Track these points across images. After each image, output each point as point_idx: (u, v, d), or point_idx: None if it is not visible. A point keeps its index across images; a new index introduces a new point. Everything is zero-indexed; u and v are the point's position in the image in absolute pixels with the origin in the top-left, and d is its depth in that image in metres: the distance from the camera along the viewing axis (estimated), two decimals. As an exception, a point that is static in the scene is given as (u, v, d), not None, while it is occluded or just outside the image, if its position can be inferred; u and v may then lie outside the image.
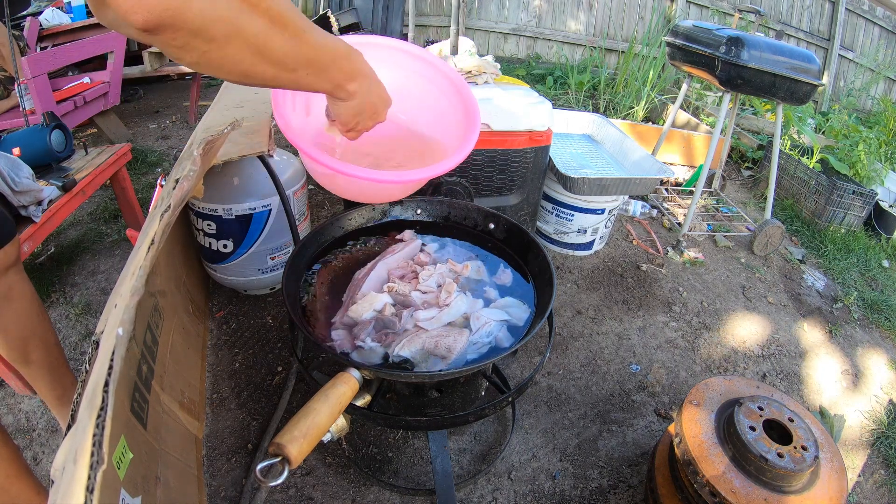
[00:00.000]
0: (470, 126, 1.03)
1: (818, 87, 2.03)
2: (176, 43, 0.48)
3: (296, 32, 0.60)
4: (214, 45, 0.51)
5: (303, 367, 0.94)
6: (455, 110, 1.10)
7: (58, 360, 1.22)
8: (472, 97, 1.08)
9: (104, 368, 0.56)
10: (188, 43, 0.49)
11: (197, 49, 0.50)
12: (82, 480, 0.47)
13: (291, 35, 0.59)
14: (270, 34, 0.56)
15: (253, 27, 0.53)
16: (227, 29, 0.50)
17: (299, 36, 0.60)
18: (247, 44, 0.54)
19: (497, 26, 4.64)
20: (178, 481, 1.00)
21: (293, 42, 0.60)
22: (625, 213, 2.45)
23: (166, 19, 0.45)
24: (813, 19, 4.73)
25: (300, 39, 0.61)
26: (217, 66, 0.54)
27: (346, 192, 1.09)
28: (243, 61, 0.55)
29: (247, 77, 0.58)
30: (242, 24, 0.52)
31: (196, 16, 0.47)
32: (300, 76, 0.64)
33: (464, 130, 1.04)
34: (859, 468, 1.46)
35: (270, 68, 0.59)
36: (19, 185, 1.40)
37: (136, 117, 3.40)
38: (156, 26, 0.45)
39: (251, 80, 0.60)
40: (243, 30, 0.52)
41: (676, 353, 1.72)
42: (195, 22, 0.47)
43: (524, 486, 1.25)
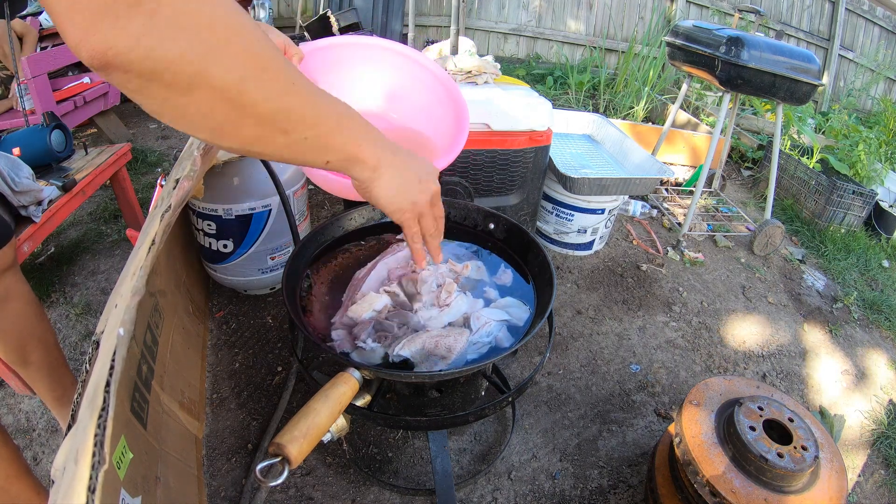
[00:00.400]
0: (459, 126, 1.03)
1: (818, 87, 2.03)
2: (131, 86, 0.40)
3: (286, 84, 0.49)
4: (174, 92, 0.41)
5: (303, 367, 0.94)
6: (445, 110, 1.10)
7: (57, 361, 1.22)
8: (461, 97, 1.08)
9: (105, 368, 0.56)
10: (144, 88, 0.40)
11: (155, 96, 0.42)
12: (84, 480, 0.47)
13: (280, 87, 0.48)
14: (248, 81, 0.45)
15: (221, 71, 0.43)
16: (189, 72, 0.41)
17: (290, 89, 0.49)
18: (216, 92, 0.43)
19: (497, 26, 4.64)
20: (178, 481, 1.00)
21: (282, 96, 0.48)
22: (625, 213, 2.45)
23: (112, 59, 0.37)
24: (813, 19, 4.73)
25: (292, 93, 0.49)
26: (182, 117, 0.44)
27: (341, 190, 1.09)
28: (213, 114, 0.45)
29: (222, 136, 0.47)
30: (206, 66, 0.42)
31: (145, 56, 0.38)
32: (294, 141, 0.52)
33: (454, 130, 1.04)
34: (859, 468, 1.46)
35: (252, 127, 0.48)
36: (19, 185, 1.40)
37: (136, 117, 3.40)
38: (103, 65, 0.37)
39: (229, 139, 0.48)
40: (208, 73, 0.42)
41: (676, 353, 1.72)
42: (145, 64, 0.38)
43: (524, 486, 1.25)
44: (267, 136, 0.50)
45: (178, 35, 0.39)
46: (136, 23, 0.37)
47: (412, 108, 1.15)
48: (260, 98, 0.46)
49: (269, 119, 0.48)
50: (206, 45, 0.41)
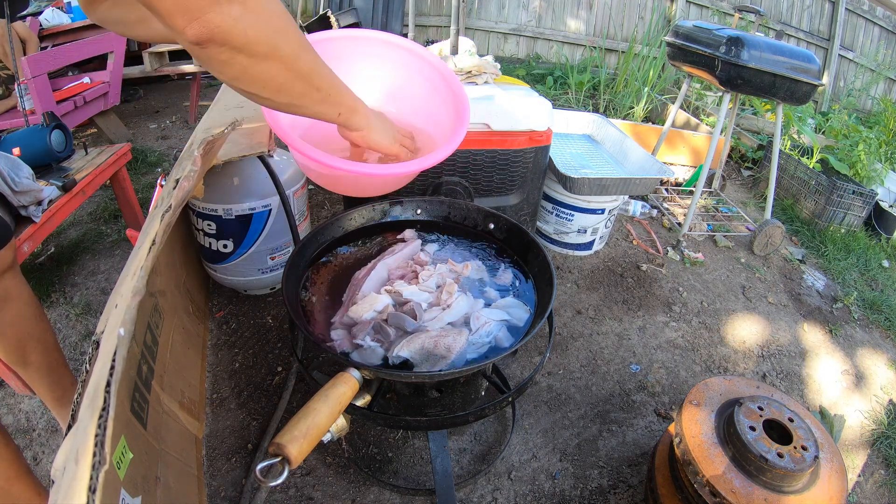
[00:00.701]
0: (459, 119, 1.03)
1: (818, 87, 2.03)
2: (221, 57, 0.54)
3: (314, 55, 0.66)
4: (254, 61, 0.56)
5: (303, 367, 0.94)
6: (445, 103, 1.10)
7: (57, 362, 1.22)
8: (461, 89, 1.08)
9: (106, 368, 0.56)
10: (232, 58, 0.54)
11: (239, 64, 0.55)
12: (84, 480, 0.47)
13: (312, 56, 0.66)
14: (300, 53, 0.62)
15: (287, 47, 0.59)
16: (267, 46, 0.56)
17: (317, 58, 0.67)
18: (281, 61, 0.59)
19: (497, 26, 4.64)
20: (178, 481, 1.00)
21: (313, 62, 0.66)
22: (625, 213, 2.45)
23: (216, 35, 0.50)
24: (813, 19, 4.73)
25: (319, 60, 0.67)
26: (254, 80, 0.59)
27: (338, 186, 1.09)
28: (278, 76, 0.60)
29: (281, 92, 0.63)
30: (279, 43, 0.57)
31: (241, 34, 0.52)
32: (323, 94, 0.70)
33: (453, 123, 1.04)
34: (859, 468, 1.46)
35: (300, 83, 0.65)
36: (19, 185, 1.40)
37: (136, 117, 3.40)
38: (207, 40, 0.50)
39: (286, 95, 0.64)
40: (279, 48, 0.58)
41: (676, 353, 1.72)
42: (240, 39, 0.53)
43: (524, 486, 1.25)
44: (309, 91, 0.67)
45: (261, 20, 0.54)
46: (235, 9, 0.51)
47: (411, 101, 1.15)
48: (306, 65, 0.64)
49: (309, 79, 0.66)
50: (277, 28, 0.57)
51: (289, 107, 0.68)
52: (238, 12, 0.51)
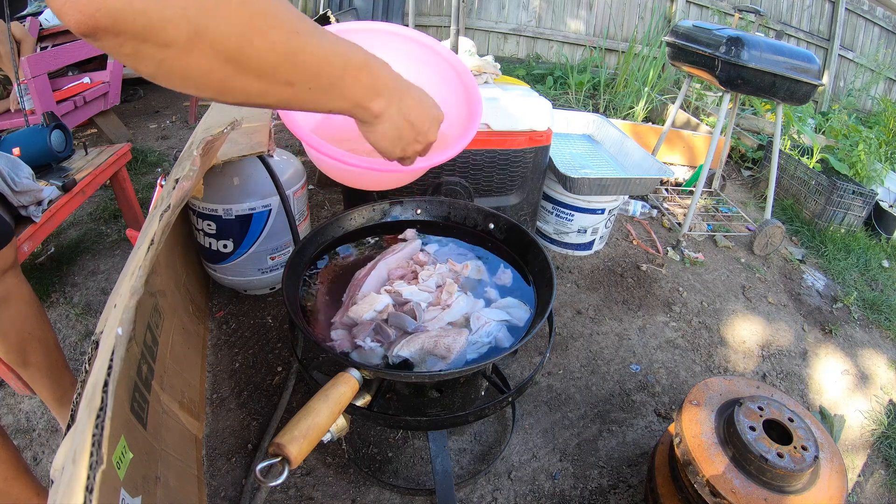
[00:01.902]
0: (472, 114, 1.01)
1: (818, 87, 2.03)
2: (125, 51, 0.38)
3: (288, 34, 0.47)
4: (172, 52, 0.40)
5: (303, 367, 0.94)
6: (457, 98, 1.08)
7: (57, 362, 1.22)
8: (473, 82, 1.06)
9: (103, 368, 0.56)
10: (138, 50, 0.39)
11: (151, 58, 0.40)
12: (82, 480, 0.46)
13: (281, 37, 0.46)
14: (248, 36, 0.43)
15: (222, 26, 0.41)
16: (186, 30, 0.39)
17: (293, 38, 0.47)
18: (215, 49, 0.41)
19: (497, 26, 4.64)
20: (178, 481, 1.00)
21: (284, 46, 0.47)
22: (625, 213, 2.45)
23: (101, 21, 0.35)
24: (813, 19, 4.73)
25: (294, 43, 0.48)
26: (182, 78, 0.42)
27: (351, 180, 1.09)
28: (213, 71, 0.43)
29: (225, 93, 0.46)
30: (206, 22, 0.40)
31: (139, 15, 0.36)
32: (300, 91, 0.51)
33: (466, 118, 1.02)
34: (859, 468, 1.46)
35: (255, 81, 0.46)
36: (19, 185, 1.40)
37: (136, 117, 3.40)
38: (92, 30, 0.36)
39: (232, 96, 0.47)
40: (208, 30, 0.40)
41: (676, 353, 1.72)
42: (138, 23, 0.37)
43: (524, 486, 1.25)
44: (272, 89, 0.48)
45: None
46: None
47: None
48: (262, 52, 0.45)
49: (272, 73, 0.47)
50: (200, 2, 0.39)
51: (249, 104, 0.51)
52: None
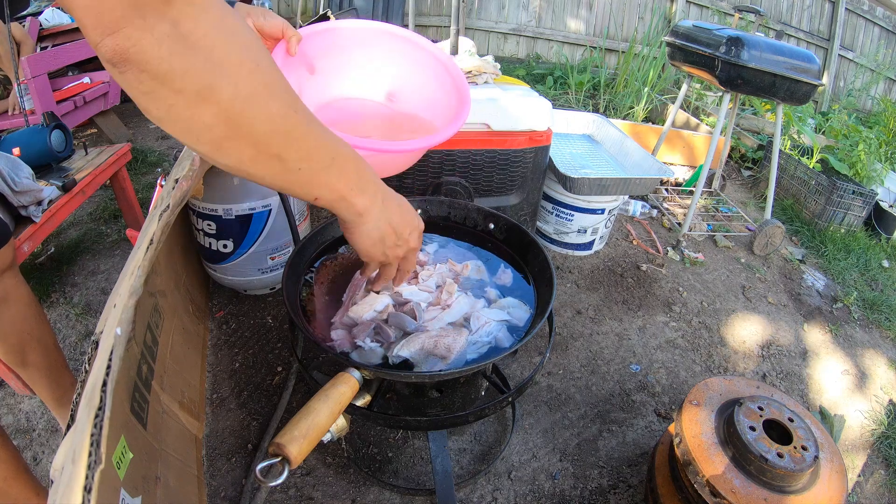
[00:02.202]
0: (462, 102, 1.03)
1: (818, 87, 2.03)
2: (143, 88, 0.42)
3: (286, 109, 0.51)
4: (182, 99, 0.43)
5: (303, 367, 0.94)
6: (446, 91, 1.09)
7: (57, 362, 1.22)
8: (460, 73, 1.08)
9: (102, 368, 0.56)
10: (154, 90, 0.42)
11: (164, 100, 0.43)
12: (80, 480, 0.46)
13: (280, 110, 0.50)
14: (252, 101, 0.47)
15: (231, 87, 0.45)
16: (200, 82, 0.43)
17: (290, 114, 0.51)
18: (220, 106, 0.45)
19: (497, 26, 4.64)
20: (178, 481, 1.00)
21: (281, 120, 0.50)
22: (625, 213, 2.45)
23: (133, 55, 0.40)
24: (813, 19, 4.73)
25: (291, 120, 0.51)
26: (185, 127, 0.46)
27: None
28: (214, 127, 0.46)
29: (220, 151, 0.49)
30: (219, 82, 0.44)
31: (164, 60, 0.41)
32: (289, 169, 0.54)
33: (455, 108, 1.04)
34: (859, 468, 1.46)
35: (248, 147, 0.49)
36: (19, 185, 1.40)
37: (136, 117, 3.40)
38: (122, 60, 0.40)
39: (226, 156, 0.50)
40: (219, 88, 0.45)
41: (676, 353, 1.72)
42: (162, 66, 0.41)
43: (524, 486, 1.25)
44: (262, 159, 0.51)
45: (196, 48, 0.42)
46: (162, 27, 0.40)
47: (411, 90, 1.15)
48: (260, 119, 0.48)
49: (266, 141, 0.50)
50: (220, 62, 0.44)
51: (239, 172, 0.52)
52: (164, 32, 0.40)
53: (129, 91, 0.43)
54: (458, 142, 1.48)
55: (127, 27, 0.39)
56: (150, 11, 0.39)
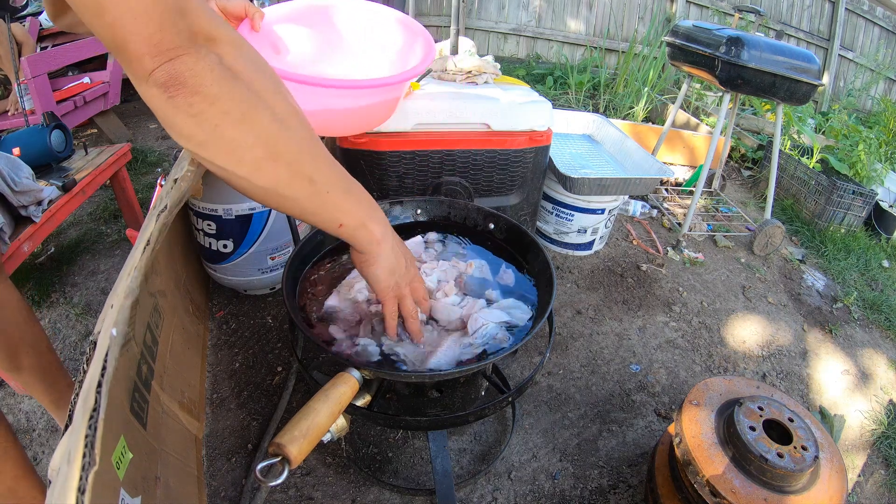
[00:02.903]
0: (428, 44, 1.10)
1: (818, 87, 2.03)
2: (193, 110, 0.46)
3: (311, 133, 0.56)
4: (228, 120, 0.48)
5: (303, 367, 0.94)
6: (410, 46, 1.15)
7: (51, 365, 1.20)
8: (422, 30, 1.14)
9: (98, 369, 0.56)
10: (203, 111, 0.46)
11: (210, 121, 0.47)
12: (75, 481, 0.46)
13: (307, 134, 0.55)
14: (285, 125, 0.52)
15: (268, 113, 0.50)
16: (243, 107, 0.48)
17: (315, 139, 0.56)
18: (262, 127, 0.50)
19: (497, 26, 4.64)
20: (178, 481, 1.00)
21: (308, 143, 0.55)
22: (625, 213, 2.45)
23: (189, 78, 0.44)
24: (813, 19, 4.73)
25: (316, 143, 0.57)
26: (227, 148, 0.50)
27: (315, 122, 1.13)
28: (256, 148, 0.51)
29: (259, 172, 0.53)
30: (257, 106, 0.50)
31: (216, 82, 0.46)
32: (319, 189, 0.58)
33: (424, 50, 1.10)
34: (859, 468, 1.46)
35: (284, 168, 0.54)
36: (19, 185, 1.40)
37: (136, 117, 3.40)
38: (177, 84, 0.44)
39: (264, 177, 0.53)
40: (258, 112, 0.50)
41: (676, 353, 1.71)
42: (215, 89, 0.46)
43: (524, 486, 1.25)
44: (297, 180, 0.55)
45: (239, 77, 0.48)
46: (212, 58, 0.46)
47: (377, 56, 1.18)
48: (293, 141, 0.54)
49: (298, 162, 0.55)
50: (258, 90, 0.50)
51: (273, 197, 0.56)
52: (214, 62, 0.46)
53: (174, 116, 0.46)
54: (458, 142, 1.49)
55: (185, 55, 0.44)
56: (202, 45, 0.45)
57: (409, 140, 1.45)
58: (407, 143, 1.45)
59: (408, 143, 1.45)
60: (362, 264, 0.72)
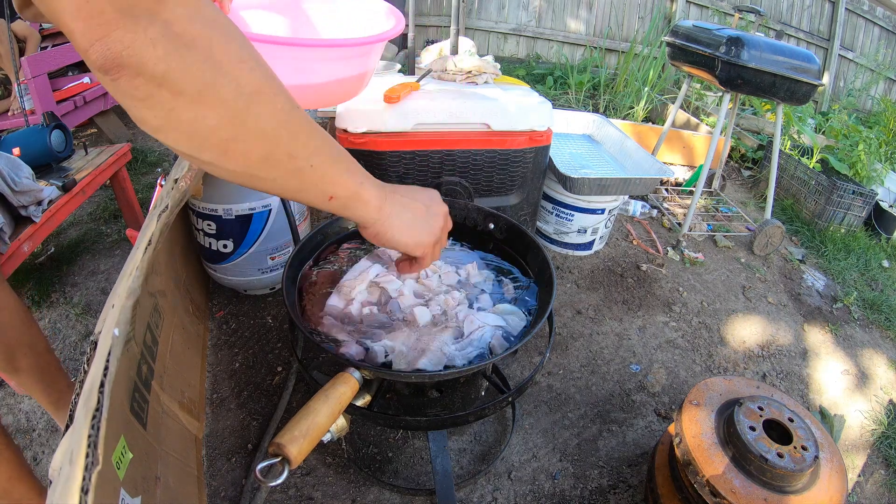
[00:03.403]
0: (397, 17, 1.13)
1: (818, 87, 2.03)
2: (138, 93, 0.40)
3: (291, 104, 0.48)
4: (183, 101, 0.41)
5: (303, 367, 0.94)
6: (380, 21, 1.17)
7: (49, 366, 1.20)
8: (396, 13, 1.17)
9: (100, 369, 0.56)
10: (152, 95, 0.40)
11: (162, 105, 0.41)
12: (77, 481, 0.46)
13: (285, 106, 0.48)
14: (257, 97, 0.45)
15: (232, 86, 0.43)
16: (201, 81, 0.41)
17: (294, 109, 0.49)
18: (225, 106, 0.43)
19: (497, 26, 4.64)
20: (178, 481, 1.00)
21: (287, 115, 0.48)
22: (625, 213, 2.45)
23: (126, 59, 0.37)
24: (813, 19, 4.73)
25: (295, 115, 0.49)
26: (188, 132, 0.43)
27: None
28: (220, 129, 0.44)
29: (228, 154, 0.46)
30: (221, 79, 0.42)
31: (160, 61, 0.38)
32: (300, 165, 0.51)
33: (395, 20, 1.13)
34: (859, 468, 1.46)
35: (260, 146, 0.47)
36: (19, 185, 1.40)
37: (136, 117, 3.40)
38: (115, 66, 0.38)
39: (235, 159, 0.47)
40: (219, 87, 0.42)
41: (676, 353, 1.71)
42: (159, 68, 0.39)
43: (524, 486, 1.25)
44: (274, 157, 0.49)
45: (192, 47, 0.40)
46: (155, 29, 0.38)
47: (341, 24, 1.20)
48: (266, 115, 0.46)
49: (275, 138, 0.48)
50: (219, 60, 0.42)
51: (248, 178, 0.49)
52: (158, 33, 0.38)
53: (123, 101, 0.41)
54: (458, 142, 1.49)
55: (117, 30, 0.36)
56: (141, 13, 0.37)
57: (409, 140, 1.45)
58: (407, 143, 1.45)
59: (408, 143, 1.45)
60: (376, 237, 0.64)
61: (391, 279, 0.98)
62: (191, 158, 0.46)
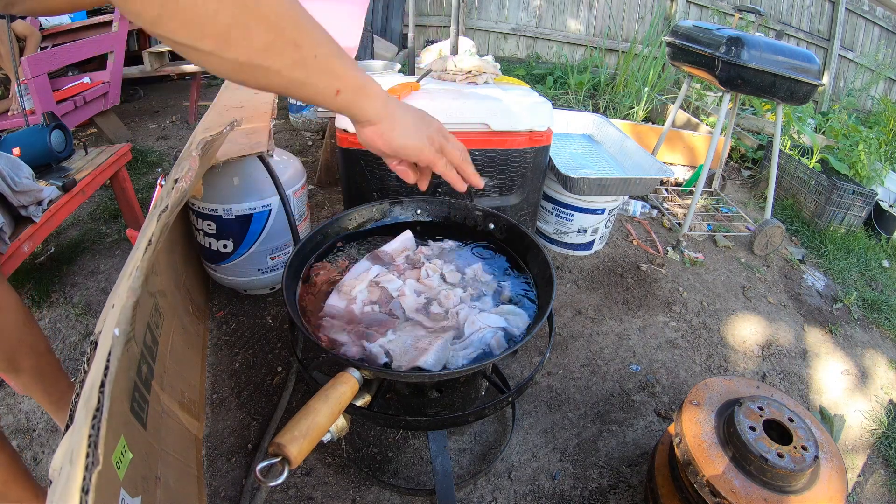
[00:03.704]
0: None
1: (818, 87, 2.03)
2: None
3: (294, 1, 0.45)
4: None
5: (303, 367, 0.94)
6: None
7: (50, 366, 1.20)
8: None
9: (100, 369, 0.56)
10: None
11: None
12: (78, 481, 0.46)
13: None
14: None
15: None
16: None
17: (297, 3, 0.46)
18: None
19: (497, 26, 4.64)
20: (178, 481, 1.00)
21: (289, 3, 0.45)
22: (625, 213, 2.45)
23: None
24: (813, 19, 4.73)
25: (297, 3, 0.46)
26: (185, 19, 0.39)
27: None
28: (221, 12, 0.40)
29: (229, 42, 0.43)
30: None
31: None
32: (305, 55, 0.48)
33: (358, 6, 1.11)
34: (859, 468, 1.46)
35: (263, 32, 0.44)
36: (19, 185, 1.40)
37: (136, 117, 3.40)
38: None
39: (237, 47, 0.43)
40: None
41: (676, 353, 1.71)
42: None
43: (524, 486, 1.25)
44: (278, 45, 0.45)
45: None
46: None
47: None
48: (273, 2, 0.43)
49: (279, 25, 0.44)
50: None
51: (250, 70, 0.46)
52: None
53: None
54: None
55: None
56: None
57: (410, 140, 1.45)
58: (407, 143, 1.45)
59: (408, 143, 1.45)
60: (382, 136, 0.61)
61: (391, 279, 0.98)
62: (191, 50, 0.43)
